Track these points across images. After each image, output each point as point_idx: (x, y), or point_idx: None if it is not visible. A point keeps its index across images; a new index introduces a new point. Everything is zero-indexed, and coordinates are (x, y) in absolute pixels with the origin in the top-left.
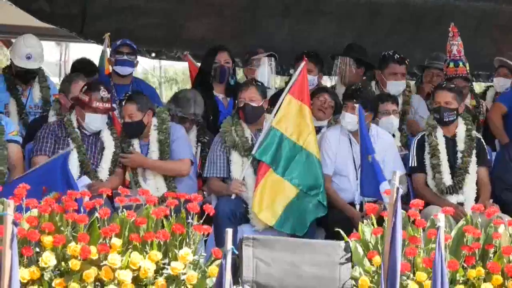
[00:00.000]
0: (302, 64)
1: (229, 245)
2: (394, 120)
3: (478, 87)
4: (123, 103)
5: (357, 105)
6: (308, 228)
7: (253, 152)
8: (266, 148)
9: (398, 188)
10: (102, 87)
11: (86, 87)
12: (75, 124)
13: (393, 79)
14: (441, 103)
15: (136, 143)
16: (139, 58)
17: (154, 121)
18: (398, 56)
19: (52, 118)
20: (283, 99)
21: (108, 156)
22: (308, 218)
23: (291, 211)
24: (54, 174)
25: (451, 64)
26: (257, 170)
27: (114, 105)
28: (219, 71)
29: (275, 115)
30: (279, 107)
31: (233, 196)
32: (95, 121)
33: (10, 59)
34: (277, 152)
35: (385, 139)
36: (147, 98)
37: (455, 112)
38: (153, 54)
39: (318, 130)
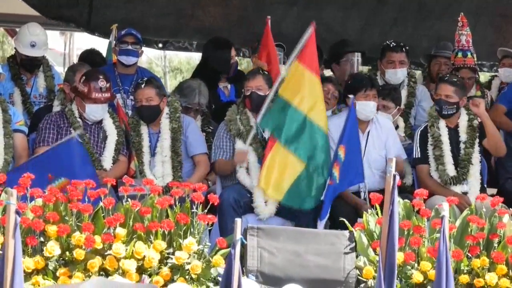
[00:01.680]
0: (310, 30)
1: (238, 235)
2: (379, 116)
3: (483, 77)
4: (142, 86)
5: (351, 96)
6: (316, 203)
7: (257, 120)
8: (270, 117)
9: (395, 176)
10: (100, 77)
11: (84, 77)
12: (76, 114)
13: (390, 67)
14: (441, 96)
15: (145, 132)
16: (146, 48)
17: (166, 109)
18: (395, 44)
19: (56, 107)
20: (290, 65)
21: (111, 144)
22: (316, 193)
23: (298, 186)
24: (59, 161)
25: (459, 54)
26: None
27: (118, 95)
28: (234, 67)
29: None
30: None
31: (240, 166)
32: (95, 112)
33: (15, 48)
34: (282, 121)
35: (385, 125)
36: (163, 84)
37: (455, 106)
38: (160, 45)
39: None
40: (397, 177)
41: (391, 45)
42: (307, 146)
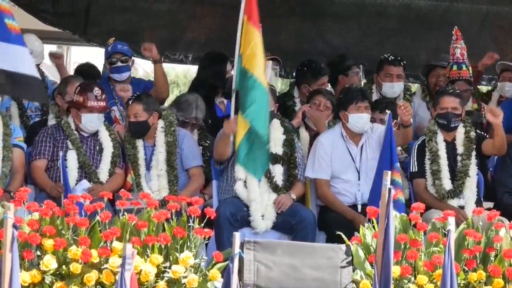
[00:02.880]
0: None
1: (236, 249)
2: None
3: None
4: (130, 102)
5: (388, 112)
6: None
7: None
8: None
9: (390, 189)
10: (95, 87)
11: (79, 88)
12: (72, 126)
13: (388, 80)
14: (448, 109)
15: (140, 144)
16: (142, 61)
17: (161, 123)
18: (393, 58)
19: (51, 121)
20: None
21: (107, 157)
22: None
23: (244, 148)
24: None
25: (454, 67)
26: None
27: (115, 107)
28: (230, 81)
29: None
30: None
31: (231, 138)
32: (91, 121)
33: None
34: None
35: (377, 131)
36: (154, 100)
37: (460, 118)
38: None
39: (316, 135)
40: (393, 191)
41: (390, 59)
42: (247, 101)
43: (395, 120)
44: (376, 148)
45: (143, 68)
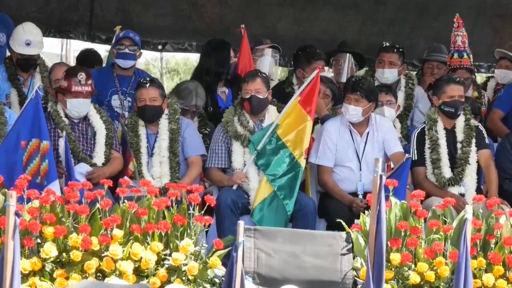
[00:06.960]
0: (316, 72)
1: (240, 237)
2: (386, 111)
3: (480, 78)
4: (147, 85)
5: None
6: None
7: (258, 147)
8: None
9: (381, 176)
10: (80, 71)
11: (65, 73)
12: (61, 113)
13: (380, 67)
14: (455, 97)
15: (143, 132)
16: (144, 50)
17: (165, 110)
18: (388, 45)
19: (50, 109)
20: (291, 103)
21: (101, 140)
22: (277, 220)
23: (264, 207)
24: (25, 125)
25: (456, 55)
26: None
27: (115, 96)
28: (233, 68)
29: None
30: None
31: (234, 187)
32: (76, 106)
33: (11, 47)
34: (269, 153)
35: (384, 124)
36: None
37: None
38: (160, 47)
39: (316, 120)
40: (384, 177)
41: (384, 45)
42: (283, 179)
43: (398, 104)
44: (381, 138)
45: (144, 56)
